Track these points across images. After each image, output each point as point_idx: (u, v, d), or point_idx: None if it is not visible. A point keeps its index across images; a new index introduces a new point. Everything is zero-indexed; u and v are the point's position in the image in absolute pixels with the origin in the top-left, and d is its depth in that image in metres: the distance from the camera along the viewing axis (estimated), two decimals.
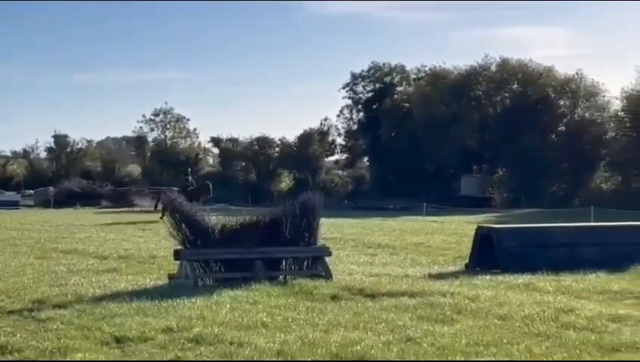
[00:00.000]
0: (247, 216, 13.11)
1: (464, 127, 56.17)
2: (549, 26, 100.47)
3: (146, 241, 20.56)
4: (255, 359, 7.35)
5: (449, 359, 7.24)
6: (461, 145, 55.87)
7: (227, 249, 12.47)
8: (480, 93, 57.44)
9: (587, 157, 52.88)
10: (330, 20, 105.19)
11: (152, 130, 74.11)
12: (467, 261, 15.49)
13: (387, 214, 40.57)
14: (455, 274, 14.02)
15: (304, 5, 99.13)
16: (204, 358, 7.39)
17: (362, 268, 14.90)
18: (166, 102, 79.88)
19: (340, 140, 71.17)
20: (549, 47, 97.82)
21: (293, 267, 12.86)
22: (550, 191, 53.58)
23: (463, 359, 7.23)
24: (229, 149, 69.33)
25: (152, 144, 74.23)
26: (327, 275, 12.45)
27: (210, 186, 35.78)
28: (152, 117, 73.68)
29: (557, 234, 16.17)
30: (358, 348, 7.59)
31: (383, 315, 9.37)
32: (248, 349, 7.62)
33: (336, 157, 73.30)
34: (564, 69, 57.12)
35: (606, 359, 7.15)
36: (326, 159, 69.72)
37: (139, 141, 74.04)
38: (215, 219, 13.07)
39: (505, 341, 7.92)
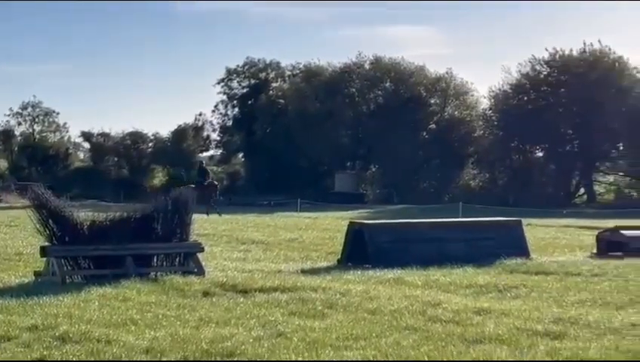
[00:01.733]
0: (117, 212, 12.89)
1: (338, 124, 56.76)
2: (421, 25, 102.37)
3: (12, 238, 19.91)
4: (123, 356, 7.24)
5: (319, 353, 7.31)
6: (335, 142, 56.43)
7: (96, 245, 12.23)
8: (354, 90, 58.13)
9: (456, 154, 54.27)
10: (204, 16, 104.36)
11: (19, 124, 71.92)
12: (339, 256, 15.66)
13: (262, 210, 40.62)
14: (327, 270, 14.16)
15: (175, 4, 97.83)
16: (71, 357, 7.23)
17: (235, 264, 14.85)
18: (34, 96, 77.58)
19: (214, 136, 70.80)
20: (420, 47, 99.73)
21: (164, 263, 12.72)
22: (421, 188, 54.73)
23: (332, 352, 7.32)
24: (100, 144, 68.01)
25: (19, 138, 72.02)
26: (200, 271, 12.38)
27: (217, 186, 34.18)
28: (20, 110, 71.48)
29: (426, 229, 16.52)
30: (229, 343, 7.57)
31: (255, 311, 9.38)
32: (116, 347, 7.50)
33: (210, 152, 72.90)
34: (434, 68, 58.44)
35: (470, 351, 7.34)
36: (200, 155, 69.19)
37: (5, 135, 71.65)
38: (84, 215, 12.81)
39: (374, 334, 8.05)
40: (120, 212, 12.89)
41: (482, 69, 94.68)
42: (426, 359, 7.07)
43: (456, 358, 7.08)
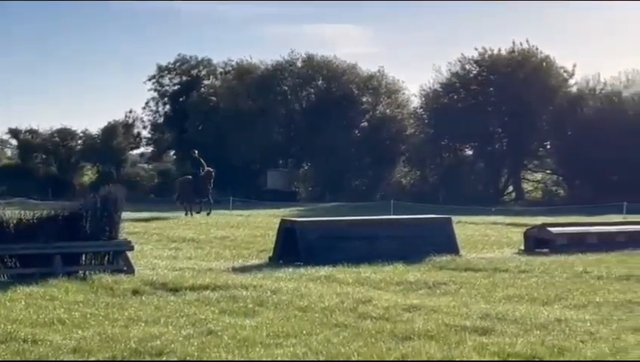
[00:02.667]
0: (45, 210, 12.68)
1: (270, 122, 56.61)
2: (353, 24, 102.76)
3: None
4: (50, 356, 7.12)
5: (249, 351, 7.29)
6: (267, 140, 56.30)
7: (23, 244, 12.01)
8: (286, 88, 58.07)
9: (388, 152, 54.58)
10: (135, 12, 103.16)
11: None
12: (271, 254, 15.66)
13: (193, 208, 40.24)
14: (259, 268, 14.16)
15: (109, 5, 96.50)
16: None
17: (166, 262, 14.75)
18: None
19: (145, 133, 69.96)
20: (352, 45, 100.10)
21: (93, 262, 12.55)
22: (353, 186, 54.95)
23: (263, 350, 7.31)
24: (28, 141, 66.69)
25: None
26: (129, 270, 12.25)
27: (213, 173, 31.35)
28: None
29: (358, 227, 16.62)
30: (158, 342, 7.51)
31: (185, 309, 9.33)
32: (43, 346, 7.38)
33: (141, 150, 72.05)
34: (366, 66, 58.67)
35: (400, 347, 7.40)
36: (131, 152, 68.36)
37: None
38: (11, 213, 12.57)
39: (304, 331, 8.07)
40: (48, 210, 12.69)
41: (413, 67, 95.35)
42: (356, 355, 7.11)
43: (385, 354, 7.13)
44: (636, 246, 17.28)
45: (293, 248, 15.17)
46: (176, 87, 67.01)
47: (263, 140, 55.41)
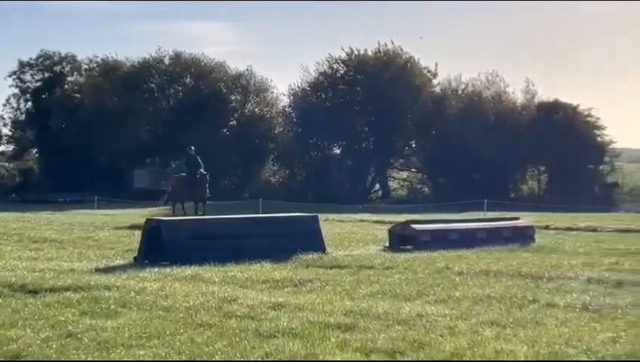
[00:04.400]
0: None
1: (137, 120, 55.79)
2: (222, 22, 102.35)
3: None
4: None
5: (110, 353, 7.15)
6: (134, 138, 55.42)
7: None
8: (153, 85, 57.34)
9: (257, 151, 54.65)
10: None
11: None
12: (136, 254, 15.41)
13: (56, 207, 39.33)
14: (123, 268, 13.88)
15: None
16: None
17: (26, 263, 14.28)
18: None
19: (5, 131, 67.78)
20: (221, 44, 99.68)
21: None
22: (222, 184, 54.72)
23: (124, 352, 7.18)
24: None
25: None
26: None
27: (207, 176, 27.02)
28: None
29: (226, 226, 16.56)
30: (15, 346, 7.27)
31: (45, 311, 9.06)
32: None
33: (2, 148, 69.78)
34: (235, 65, 58.59)
35: (263, 345, 7.40)
36: None
37: None
38: None
39: (168, 332, 7.96)
40: None
41: (282, 67, 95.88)
42: (220, 354, 7.07)
43: (249, 353, 7.12)
44: (495, 242, 17.86)
45: (159, 248, 14.96)
46: (38, 84, 65.24)
47: (130, 138, 54.56)
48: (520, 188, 53.57)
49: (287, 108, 56.40)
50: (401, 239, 18.07)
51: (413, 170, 56.37)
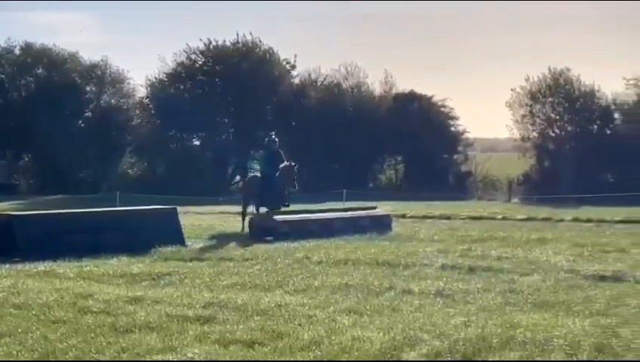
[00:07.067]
0: None
1: None
2: (75, 12, 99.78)
3: None
4: None
5: None
6: None
7: None
8: (3, 76, 55.31)
9: (114, 143, 53.52)
10: None
11: None
12: None
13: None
14: None
15: None
16: None
17: None
18: None
19: None
20: (75, 34, 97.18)
21: None
22: (78, 177, 53.35)
23: None
24: None
25: None
26: None
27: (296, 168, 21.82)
28: None
29: (82, 220, 16.24)
30: None
31: None
32: None
33: None
34: (89, 55, 57.23)
35: (120, 340, 7.28)
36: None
37: None
38: None
39: (20, 330, 7.74)
40: None
41: (140, 57, 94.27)
42: (74, 351, 6.91)
43: (105, 349, 6.99)
44: (354, 231, 18.15)
45: (10, 243, 14.51)
46: None
47: None
48: (378, 178, 54.50)
49: (144, 100, 55.47)
50: (262, 230, 18.12)
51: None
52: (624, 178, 44.83)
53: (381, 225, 19.27)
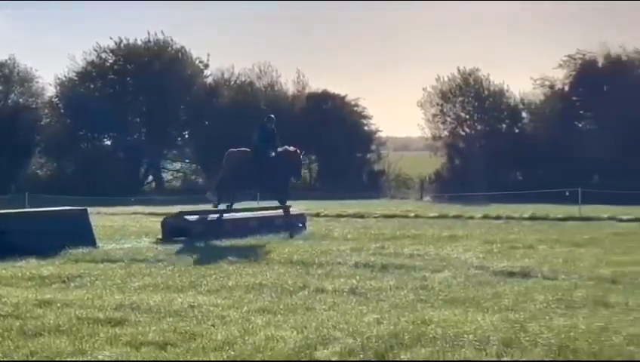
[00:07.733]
0: None
1: None
2: None
3: None
4: None
5: None
6: None
7: None
8: None
9: (23, 143, 52.40)
10: None
11: None
12: None
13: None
14: None
15: None
16: None
17: None
18: None
19: None
20: None
21: None
22: None
23: None
24: None
25: None
26: None
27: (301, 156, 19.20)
28: None
29: None
30: None
31: None
32: None
33: None
34: None
35: (29, 343, 7.13)
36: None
37: None
38: None
39: None
40: None
41: (48, 56, 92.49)
42: None
43: (13, 352, 6.84)
44: (267, 230, 18.14)
45: None
46: None
47: None
48: None
49: (54, 99, 54.45)
50: (175, 231, 17.94)
51: (186, 160, 56.10)
52: (532, 176, 45.93)
53: (295, 224, 19.30)
